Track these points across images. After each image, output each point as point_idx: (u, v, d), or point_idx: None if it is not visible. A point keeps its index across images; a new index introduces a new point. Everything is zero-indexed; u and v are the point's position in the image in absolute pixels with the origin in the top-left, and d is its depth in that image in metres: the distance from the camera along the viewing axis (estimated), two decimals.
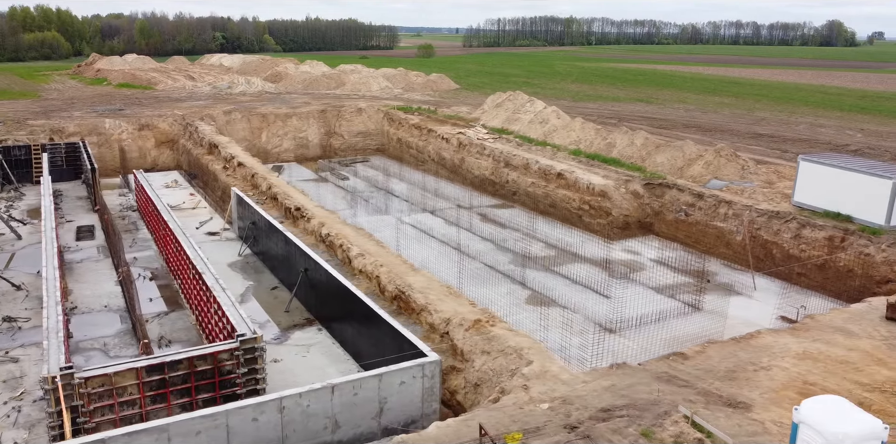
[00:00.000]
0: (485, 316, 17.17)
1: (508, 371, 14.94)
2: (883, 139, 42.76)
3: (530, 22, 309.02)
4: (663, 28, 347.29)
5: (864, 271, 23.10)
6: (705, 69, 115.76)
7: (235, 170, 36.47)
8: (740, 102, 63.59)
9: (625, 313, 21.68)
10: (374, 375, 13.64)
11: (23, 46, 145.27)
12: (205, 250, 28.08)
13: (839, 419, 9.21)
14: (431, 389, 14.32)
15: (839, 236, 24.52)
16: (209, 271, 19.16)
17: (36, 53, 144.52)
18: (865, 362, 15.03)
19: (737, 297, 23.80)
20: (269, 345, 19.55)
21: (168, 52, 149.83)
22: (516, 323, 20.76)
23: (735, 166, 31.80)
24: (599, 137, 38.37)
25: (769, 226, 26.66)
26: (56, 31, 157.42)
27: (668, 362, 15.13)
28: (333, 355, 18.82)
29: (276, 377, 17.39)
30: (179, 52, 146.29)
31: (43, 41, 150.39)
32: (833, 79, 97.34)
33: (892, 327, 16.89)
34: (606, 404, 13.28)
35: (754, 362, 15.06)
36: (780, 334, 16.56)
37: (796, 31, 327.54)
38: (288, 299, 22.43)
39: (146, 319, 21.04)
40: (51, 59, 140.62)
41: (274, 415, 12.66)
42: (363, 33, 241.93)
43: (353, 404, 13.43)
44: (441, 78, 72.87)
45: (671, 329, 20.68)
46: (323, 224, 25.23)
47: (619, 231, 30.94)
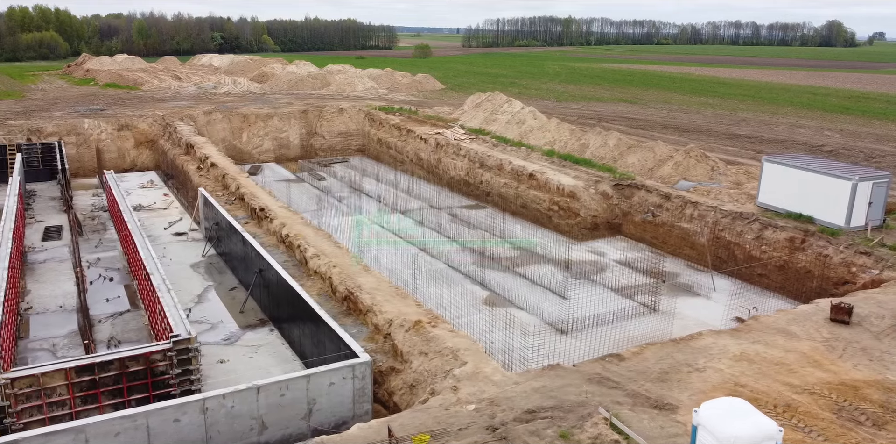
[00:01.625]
0: (427, 317, 17.16)
1: (443, 372, 14.93)
2: (860, 140, 42.76)
3: (529, 22, 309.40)
4: (663, 28, 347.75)
5: (821, 273, 23.10)
6: (698, 70, 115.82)
7: (209, 170, 36.45)
8: (725, 102, 63.61)
9: (579, 313, 21.68)
10: (302, 376, 13.63)
11: (21, 46, 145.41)
12: (170, 250, 28.24)
13: (733, 422, 9.21)
14: (363, 390, 14.32)
15: (800, 237, 24.52)
16: (157, 272, 19.14)
17: (34, 53, 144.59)
18: (801, 364, 15.02)
19: (695, 298, 23.80)
20: (219, 346, 19.61)
21: (166, 52, 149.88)
22: (470, 324, 20.82)
23: (704, 167, 31.81)
24: (574, 137, 38.37)
25: (732, 227, 26.66)
26: (54, 31, 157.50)
27: (603, 363, 15.12)
28: (281, 356, 18.81)
29: (220, 378, 17.42)
30: (178, 52, 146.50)
31: (41, 41, 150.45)
32: (824, 79, 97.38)
33: (834, 329, 16.89)
34: (533, 405, 13.27)
35: (690, 364, 15.05)
36: (721, 336, 16.55)
37: (796, 31, 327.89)
38: (245, 300, 22.43)
39: (99, 319, 21.06)
40: (48, 59, 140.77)
41: (196, 416, 12.65)
42: (362, 33, 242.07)
43: (281, 405, 13.42)
44: (426, 78, 72.87)
45: (624, 330, 20.68)
46: (284, 225, 25.22)
47: (587, 232, 30.93)
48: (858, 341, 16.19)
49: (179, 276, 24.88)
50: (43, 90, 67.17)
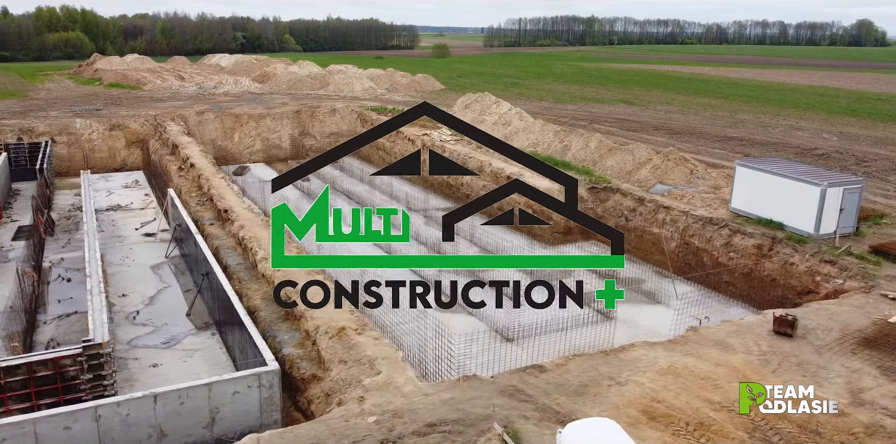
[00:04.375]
0: (356, 324, 16.84)
1: (357, 382, 14.59)
2: (857, 143, 41.57)
3: (552, 22, 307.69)
4: (687, 28, 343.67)
5: (785, 281, 22.35)
6: (711, 70, 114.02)
7: (189, 171, 36.50)
8: (727, 103, 62.39)
9: (529, 320, 21.16)
10: (203, 384, 13.38)
11: (47, 46, 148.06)
12: (135, 251, 28.26)
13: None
14: (270, 399, 14.03)
15: (767, 244, 23.77)
16: (95, 274, 19.05)
17: (60, 53, 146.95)
18: (728, 379, 14.41)
19: (654, 306, 23.18)
20: (156, 349, 19.47)
21: (189, 51, 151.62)
22: (413, 331, 20.41)
23: (683, 170, 31.06)
24: (557, 139, 37.79)
25: (702, 233, 25.96)
26: (80, 31, 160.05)
27: (522, 374, 14.66)
28: (216, 361, 18.61)
29: (148, 382, 17.27)
30: (200, 51, 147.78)
31: (67, 41, 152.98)
32: (840, 80, 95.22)
33: (775, 342, 16.24)
34: (436, 418, 12.87)
35: (613, 377, 14.54)
36: (654, 348, 15.98)
37: (824, 30, 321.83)
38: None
39: (45, 320, 21.05)
40: (74, 59, 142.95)
41: (89, 424, 12.45)
42: (384, 33, 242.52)
43: (180, 413, 13.17)
44: (426, 78, 72.55)
45: (572, 339, 20.12)
46: (242, 226, 25.07)
47: (560, 236, 30.36)
48: (797, 355, 15.52)
49: (137, 277, 24.87)
50: (48, 90, 68.06)
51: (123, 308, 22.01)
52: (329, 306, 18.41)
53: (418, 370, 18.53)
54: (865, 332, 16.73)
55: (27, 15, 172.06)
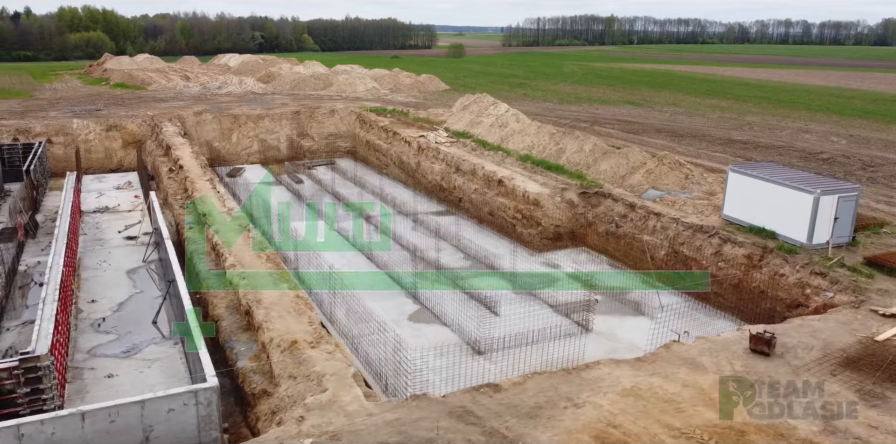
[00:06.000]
0: (312, 337, 16.20)
1: (301, 399, 13.94)
2: (866, 146, 40.19)
3: (570, 21, 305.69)
4: (708, 27, 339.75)
5: (774, 293, 21.35)
6: (726, 70, 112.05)
7: (178, 173, 36.16)
8: (737, 105, 60.96)
9: (503, 332, 20.39)
10: (135, 401, 12.78)
11: (69, 46, 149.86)
12: (114, 254, 27.85)
13: None
14: (209, 417, 13.39)
15: (758, 253, 22.77)
16: (54, 280, 18.59)
17: (81, 53, 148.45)
18: (693, 403, 13.57)
19: (637, 317, 22.28)
20: (115, 359, 18.95)
21: (208, 51, 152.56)
22: (383, 342, 19.74)
23: (678, 175, 30.07)
24: (553, 141, 36.92)
25: (692, 241, 24.99)
26: (101, 31, 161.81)
27: (475, 394, 13.93)
28: (173, 372, 18.04)
29: (100, 395, 16.74)
30: (219, 51, 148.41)
31: (88, 41, 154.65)
32: (858, 81, 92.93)
33: (750, 362, 15.34)
34: (377, 441, 12.19)
35: (571, 398, 13.75)
36: (620, 366, 15.16)
37: (849, 29, 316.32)
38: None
39: (8, 327, 20.65)
40: (94, 59, 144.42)
41: (11, 442, 11.91)
42: (402, 33, 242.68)
43: (110, 432, 12.58)
44: (430, 79, 71.82)
45: (546, 352, 19.31)
46: (217, 231, 24.56)
47: (548, 242, 29.53)
48: (772, 376, 14.62)
49: (111, 282, 24.44)
50: (54, 90, 68.35)
51: (90, 315, 21.56)
52: (288, 316, 17.86)
53: (382, 384, 17.89)
54: (849, 351, 15.77)
55: (49, 15, 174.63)
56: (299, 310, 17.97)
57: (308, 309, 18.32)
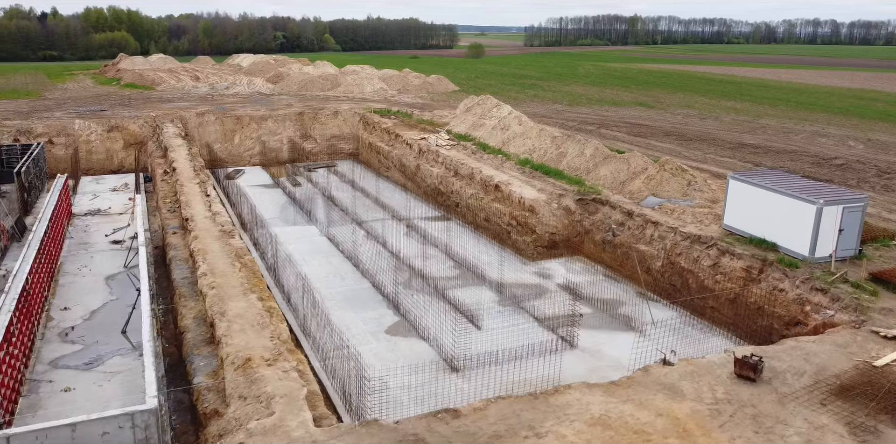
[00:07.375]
0: (269, 353, 15.39)
1: (247, 422, 13.14)
2: (884, 151, 38.50)
3: (593, 21, 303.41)
4: (734, 27, 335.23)
5: (772, 310, 20.14)
6: (747, 71, 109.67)
7: (172, 175, 35.69)
8: (753, 107, 59.21)
9: (483, 347, 19.45)
10: (65, 424, 12.06)
11: (94, 46, 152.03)
12: (97, 259, 27.32)
13: None
14: (146, 441, 12.65)
15: (757, 266, 21.55)
16: (14, 289, 18.01)
17: (105, 53, 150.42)
18: (665, 434, 12.53)
19: (627, 333, 21.17)
20: (76, 371, 18.31)
21: (230, 51, 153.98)
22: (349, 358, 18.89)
23: (679, 182, 28.84)
24: (554, 145, 35.84)
25: (689, 252, 23.82)
26: (126, 31, 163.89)
27: (431, 420, 13.01)
28: (133, 387, 17.32)
29: (53, 410, 16.10)
30: (240, 51, 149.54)
31: (112, 41, 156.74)
32: (885, 82, 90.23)
33: (734, 388, 14.23)
34: None
35: (533, 427, 12.78)
36: (592, 391, 14.13)
37: (879, 29, 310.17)
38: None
39: None
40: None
41: None
42: (423, 33, 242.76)
43: None
44: (439, 80, 70.91)
45: (525, 370, 18.34)
46: (196, 237, 23.91)
47: (543, 250, 28.49)
48: (755, 406, 13.52)
49: (87, 289, 23.87)
50: (64, 90, 68.63)
51: (60, 323, 20.98)
52: (250, 330, 17.07)
53: (348, 404, 17.05)
54: (843, 378, 14.59)
55: (75, 16, 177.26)
56: (263, 323, 17.18)
57: (278, 322, 17.54)
